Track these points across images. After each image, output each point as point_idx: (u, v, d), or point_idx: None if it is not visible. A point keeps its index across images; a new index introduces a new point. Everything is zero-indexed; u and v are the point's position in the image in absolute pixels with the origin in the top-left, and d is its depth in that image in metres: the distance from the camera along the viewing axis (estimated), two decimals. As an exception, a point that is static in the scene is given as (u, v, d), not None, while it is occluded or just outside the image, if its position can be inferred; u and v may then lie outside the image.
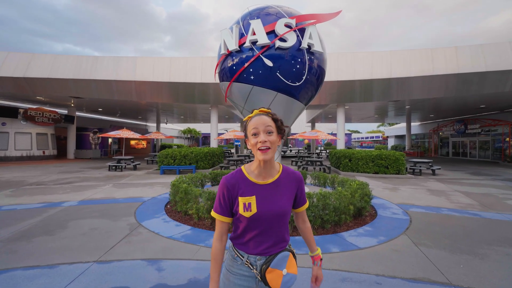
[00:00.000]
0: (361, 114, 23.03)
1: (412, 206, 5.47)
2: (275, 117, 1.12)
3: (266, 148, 1.05)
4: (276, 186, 1.13)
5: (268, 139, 1.05)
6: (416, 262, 2.86)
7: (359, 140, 55.89)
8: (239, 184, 1.11)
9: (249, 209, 1.07)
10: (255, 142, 1.06)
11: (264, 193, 1.10)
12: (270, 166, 1.13)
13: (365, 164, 10.62)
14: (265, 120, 1.07)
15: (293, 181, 1.17)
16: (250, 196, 1.08)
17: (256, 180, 1.12)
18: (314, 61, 5.03)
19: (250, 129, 1.08)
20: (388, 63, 11.85)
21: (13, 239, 3.49)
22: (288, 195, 1.15)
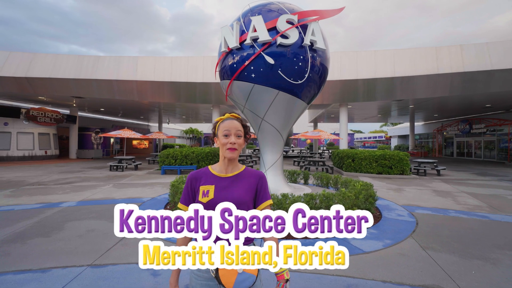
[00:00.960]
0: (364, 114, 22.83)
1: (418, 207, 5.31)
2: (244, 123, 1.25)
3: (234, 149, 1.17)
4: (236, 179, 1.21)
5: (237, 142, 1.18)
6: (424, 267, 2.72)
7: (361, 140, 55.55)
8: (202, 177, 1.22)
9: (206, 195, 1.14)
10: (225, 142, 1.18)
11: (222, 184, 1.18)
12: (234, 164, 1.23)
13: (369, 164, 10.46)
14: (236, 125, 1.20)
15: (253, 177, 1.22)
16: (209, 185, 1.18)
17: (218, 173, 1.22)
18: (317, 58, 4.90)
19: (222, 130, 1.19)
20: (391, 62, 11.67)
21: (7, 240, 3.40)
22: (246, 188, 1.19)
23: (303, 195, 3.96)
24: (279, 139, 5.40)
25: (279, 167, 5.50)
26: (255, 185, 1.20)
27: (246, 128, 1.25)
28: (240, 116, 1.26)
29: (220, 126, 1.21)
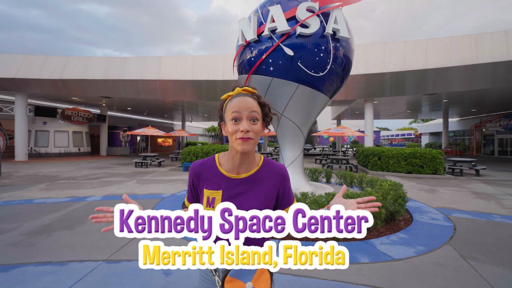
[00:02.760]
0: (391, 110, 21.55)
1: (455, 211, 4.79)
2: (262, 100, 0.91)
3: (247, 138, 0.84)
4: (251, 182, 0.92)
5: (252, 128, 0.85)
6: (467, 280, 2.37)
7: (388, 137, 52.86)
8: (206, 174, 0.94)
9: (212, 205, 0.89)
10: (234, 130, 0.85)
11: (233, 190, 0.91)
12: (248, 159, 0.92)
13: (397, 163, 9.79)
14: (250, 104, 0.86)
15: (274, 177, 0.94)
16: (215, 190, 0.91)
17: (227, 172, 0.93)
18: (340, 49, 4.58)
19: (230, 112, 0.86)
20: (423, 52, 10.80)
21: (34, 232, 3.55)
22: (265, 195, 0.92)
23: (325, 195, 3.70)
24: (299, 135, 5.15)
25: (299, 164, 5.26)
26: (277, 188, 0.95)
27: (265, 107, 0.91)
28: (256, 91, 0.92)
29: (228, 106, 0.88)
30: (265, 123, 0.92)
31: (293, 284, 2.29)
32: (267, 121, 0.92)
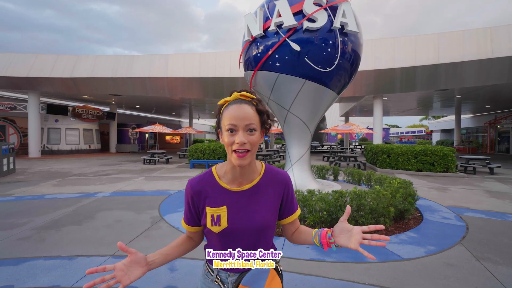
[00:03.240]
0: (401, 106, 21.08)
1: (467, 210, 4.64)
2: (260, 108, 0.84)
3: (244, 152, 0.79)
4: (254, 193, 0.88)
5: (249, 140, 0.79)
6: (480, 282, 2.28)
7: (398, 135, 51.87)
8: (206, 191, 0.87)
9: (218, 223, 0.84)
10: (231, 141, 0.79)
11: (238, 203, 0.86)
12: (249, 169, 0.87)
13: (407, 161, 9.57)
14: (247, 114, 0.80)
15: (278, 186, 0.91)
16: (219, 207, 0.85)
17: (228, 186, 0.88)
18: (348, 43, 4.46)
19: (226, 122, 0.80)
20: (435, 46, 10.47)
21: (45, 227, 3.64)
22: (270, 205, 0.88)
23: (332, 192, 3.64)
24: (306, 132, 5.08)
25: (306, 161, 5.20)
26: (281, 196, 0.91)
27: (263, 114, 0.84)
28: (254, 96, 0.84)
29: (224, 113, 0.82)
30: (265, 130, 0.86)
31: (299, 283, 2.26)
32: (266, 128, 0.86)
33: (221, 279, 0.89)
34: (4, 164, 8.32)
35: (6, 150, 8.45)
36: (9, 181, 7.42)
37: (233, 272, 0.88)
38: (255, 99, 0.84)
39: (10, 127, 16.36)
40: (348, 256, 2.75)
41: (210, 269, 0.91)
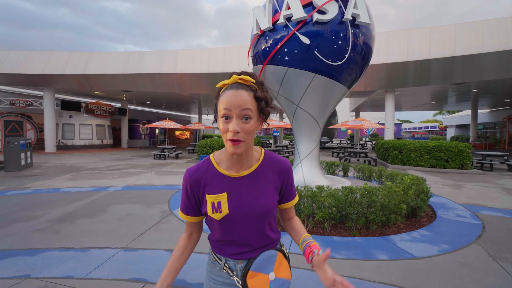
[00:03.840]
0: (414, 101, 20.47)
1: (483, 208, 4.48)
2: (258, 94, 0.78)
3: (237, 141, 0.76)
4: (253, 178, 0.87)
5: (243, 128, 0.75)
6: (497, 283, 2.19)
7: (410, 130, 50.57)
8: (205, 178, 0.86)
9: (219, 210, 0.83)
10: (225, 129, 0.76)
11: (237, 189, 0.85)
12: (246, 156, 0.86)
13: (419, 157, 9.32)
14: (243, 100, 0.75)
15: (277, 171, 0.90)
16: (219, 194, 0.84)
17: (227, 172, 0.86)
18: (360, 36, 4.33)
19: (221, 107, 0.76)
20: (451, 38, 10.05)
21: (59, 219, 3.75)
22: (270, 190, 0.88)
23: (341, 188, 3.58)
24: (316, 127, 5.00)
25: (315, 157, 5.13)
26: (281, 181, 0.90)
27: (261, 101, 0.78)
28: (253, 79, 0.79)
29: (220, 98, 0.78)
30: (263, 117, 0.82)
31: (307, 279, 2.24)
32: (265, 115, 0.82)
33: (230, 267, 0.89)
34: (22, 159, 8.64)
35: (24, 145, 8.76)
36: (27, 174, 7.70)
37: (241, 259, 0.88)
38: (255, 84, 0.79)
39: (27, 122, 16.93)
40: (358, 254, 2.71)
41: (218, 257, 0.91)
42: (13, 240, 3.03)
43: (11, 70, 13.72)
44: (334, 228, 3.38)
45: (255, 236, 0.87)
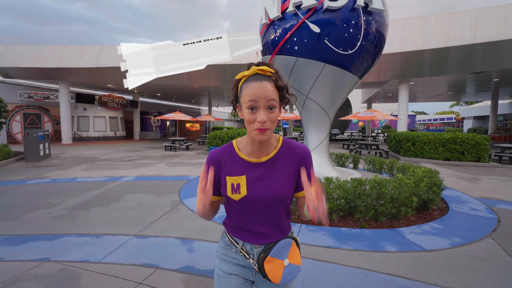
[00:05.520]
0: (430, 92, 19.72)
1: (500, 202, 4.33)
2: (279, 84, 0.83)
3: (265, 129, 0.81)
4: (272, 165, 0.91)
5: (269, 117, 0.81)
6: (510, 277, 2.14)
7: (425, 122, 49.03)
8: (226, 161, 0.92)
9: (237, 191, 0.89)
10: (252, 119, 0.81)
11: (256, 174, 0.90)
12: (267, 143, 0.91)
13: (433, 149, 9.05)
14: (268, 91, 0.80)
15: (295, 158, 0.92)
16: (239, 176, 0.90)
17: (247, 157, 0.92)
18: (372, 23, 4.18)
19: (246, 99, 0.81)
20: (471, 25, 9.53)
21: (76, 207, 3.92)
22: (287, 176, 0.91)
23: (350, 180, 3.54)
24: (325, 118, 4.93)
25: (325, 149, 5.08)
26: (298, 167, 0.92)
27: (282, 90, 0.84)
28: (273, 70, 0.83)
29: (244, 90, 0.82)
30: (283, 103, 0.87)
31: (313, 269, 2.26)
32: (284, 102, 0.87)
33: (246, 250, 0.93)
34: (41, 150, 9.01)
35: (42, 137, 9.11)
36: (46, 165, 8.04)
37: (258, 244, 0.93)
38: (274, 74, 0.83)
39: (44, 115, 17.55)
40: (366, 245, 2.70)
41: (235, 240, 0.95)
42: (34, 226, 3.20)
43: (28, 64, 14.16)
44: (342, 220, 3.37)
45: (270, 220, 0.92)
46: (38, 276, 2.13)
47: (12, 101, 15.53)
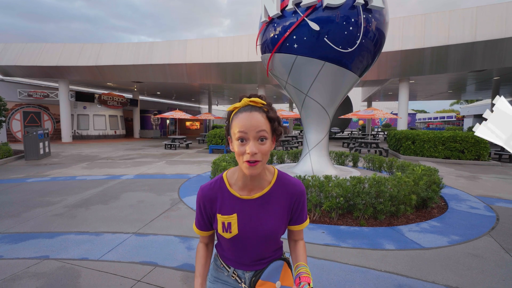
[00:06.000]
0: (430, 90, 19.69)
1: (499, 200, 4.34)
2: (270, 115, 0.80)
3: (255, 162, 0.77)
4: (265, 202, 0.88)
5: (260, 149, 0.76)
6: (508, 275, 2.15)
7: (425, 120, 48.96)
8: (217, 198, 0.89)
9: (229, 230, 0.87)
10: (241, 151, 0.77)
11: (248, 211, 0.87)
12: (259, 178, 0.87)
13: (433, 147, 9.05)
14: (258, 122, 0.77)
15: (289, 196, 0.89)
16: (230, 215, 0.87)
17: (239, 194, 0.88)
18: (372, 21, 4.16)
19: (236, 130, 0.78)
20: (472, 23, 9.50)
21: (76, 205, 3.93)
22: (280, 214, 0.89)
23: (349, 178, 3.54)
24: (325, 116, 4.93)
25: (324, 147, 5.08)
26: (291, 205, 0.91)
27: (274, 122, 0.80)
28: (264, 102, 0.81)
29: (234, 121, 0.79)
30: (276, 137, 0.83)
31: (312, 266, 2.27)
32: (277, 134, 0.83)
33: (238, 275, 0.93)
34: (41, 148, 9.01)
35: (42, 135, 9.11)
36: (46, 163, 8.05)
37: (249, 270, 0.93)
38: (265, 105, 0.81)
39: (44, 113, 17.54)
40: (365, 243, 2.71)
41: (226, 265, 0.95)
42: (34, 223, 3.21)
43: (27, 62, 14.13)
44: (341, 218, 3.38)
45: (261, 253, 0.92)
46: (38, 274, 2.14)
47: (12, 99, 15.52)
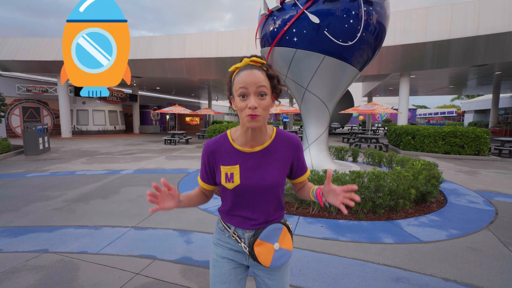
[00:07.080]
0: (431, 85, 19.59)
1: (498, 194, 4.34)
2: (270, 72, 0.87)
3: (255, 115, 0.83)
4: (265, 154, 0.94)
5: (260, 104, 0.83)
6: (506, 268, 2.15)
7: (425, 116, 48.83)
8: (221, 151, 0.96)
9: (231, 180, 0.92)
10: (243, 106, 0.84)
11: (250, 163, 0.93)
12: (260, 132, 0.92)
13: (433, 143, 9.03)
14: (258, 78, 0.83)
15: (288, 148, 0.97)
16: (232, 166, 0.93)
17: (241, 147, 0.94)
18: (373, 14, 4.10)
19: (237, 87, 0.84)
20: (474, 16, 9.39)
21: (75, 200, 3.94)
22: (280, 165, 0.95)
23: (349, 173, 3.54)
24: (325, 111, 4.90)
25: (324, 142, 5.06)
26: (291, 158, 0.97)
27: (273, 79, 0.86)
28: (264, 61, 0.87)
29: (235, 80, 0.85)
30: (275, 95, 0.89)
31: (311, 260, 2.28)
32: (276, 93, 0.89)
33: (238, 235, 0.97)
34: (40, 143, 9.00)
35: (41, 130, 9.09)
36: (45, 158, 8.05)
37: (249, 229, 0.96)
38: (265, 64, 0.87)
39: (43, 109, 17.49)
40: (363, 237, 2.71)
41: (227, 226, 0.99)
42: (33, 217, 3.22)
43: (26, 57, 14.03)
44: (340, 212, 3.38)
45: (263, 207, 0.95)
46: (37, 267, 2.15)
47: (11, 94, 15.46)
